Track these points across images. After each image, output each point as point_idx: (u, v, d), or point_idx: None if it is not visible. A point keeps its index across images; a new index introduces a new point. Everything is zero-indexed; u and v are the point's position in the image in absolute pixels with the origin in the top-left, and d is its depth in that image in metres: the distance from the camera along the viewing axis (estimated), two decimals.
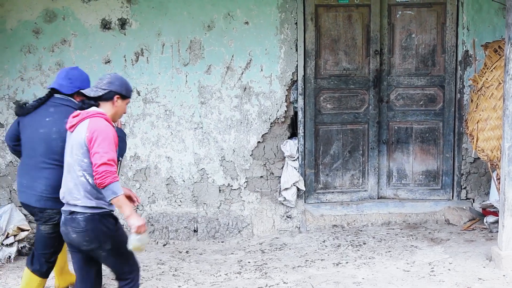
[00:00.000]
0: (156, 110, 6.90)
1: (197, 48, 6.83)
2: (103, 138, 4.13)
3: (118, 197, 4.09)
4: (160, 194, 6.99)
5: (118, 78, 4.39)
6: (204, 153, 6.96)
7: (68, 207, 4.24)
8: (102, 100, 4.31)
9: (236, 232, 6.88)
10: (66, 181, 4.28)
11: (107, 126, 4.19)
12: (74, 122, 4.26)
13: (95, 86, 4.33)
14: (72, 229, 4.22)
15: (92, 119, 4.20)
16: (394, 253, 6.19)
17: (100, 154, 4.09)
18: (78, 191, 4.19)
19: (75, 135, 4.23)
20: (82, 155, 4.18)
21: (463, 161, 7.18)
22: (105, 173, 4.05)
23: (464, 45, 7.01)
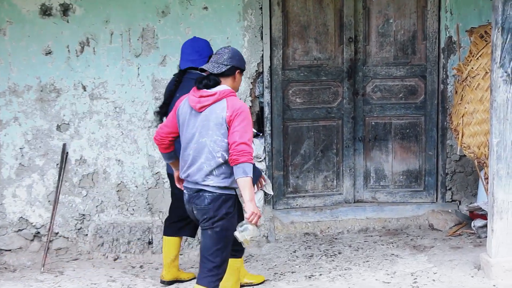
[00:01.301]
0: (104, 107, 6.83)
1: (150, 37, 6.77)
2: (244, 117, 4.59)
3: (247, 177, 4.51)
4: (110, 202, 6.92)
5: (236, 51, 4.85)
6: (159, 155, 6.84)
7: (195, 185, 4.72)
8: (223, 76, 4.73)
9: (196, 243, 6.81)
10: (197, 163, 4.68)
11: (244, 106, 4.67)
12: (207, 103, 4.65)
13: (215, 62, 4.75)
14: (195, 206, 4.75)
15: (229, 98, 4.66)
16: (372, 263, 6.19)
17: (240, 133, 4.55)
18: (211, 172, 4.66)
19: (210, 115, 4.64)
20: (222, 135, 4.62)
21: (447, 159, 7.22)
22: (243, 152, 4.51)
23: (447, 31, 7.04)
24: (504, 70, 5.39)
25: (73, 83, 6.75)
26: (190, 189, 4.77)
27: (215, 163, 4.64)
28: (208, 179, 4.66)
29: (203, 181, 4.68)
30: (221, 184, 4.66)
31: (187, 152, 4.77)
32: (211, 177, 4.66)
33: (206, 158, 4.66)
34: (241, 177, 4.52)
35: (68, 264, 6.52)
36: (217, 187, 4.66)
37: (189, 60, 5.46)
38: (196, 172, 4.71)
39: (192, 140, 4.73)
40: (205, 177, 4.67)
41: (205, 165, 4.67)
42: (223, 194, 4.68)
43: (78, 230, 6.90)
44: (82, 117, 6.82)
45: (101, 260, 6.70)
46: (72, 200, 6.88)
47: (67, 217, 6.88)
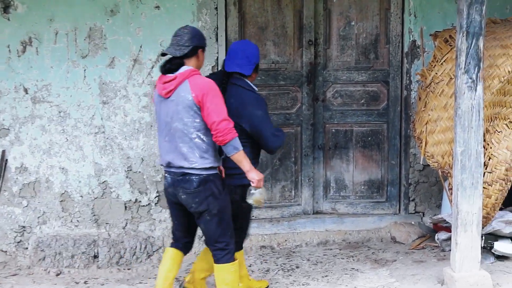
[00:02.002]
0: (48, 111, 6.77)
1: (98, 37, 6.73)
2: (213, 95, 4.85)
3: (239, 152, 4.90)
4: (53, 213, 6.85)
5: (196, 30, 5.09)
6: (106, 163, 6.86)
7: (179, 169, 4.97)
8: (186, 57, 4.97)
9: (145, 257, 6.78)
10: (175, 148, 4.96)
11: (210, 82, 4.91)
12: (171, 87, 4.90)
13: (176, 44, 4.98)
14: (182, 190, 5.00)
15: (191, 78, 4.89)
16: (332, 278, 6.20)
17: (216, 111, 4.82)
18: (194, 154, 4.93)
19: (177, 99, 4.90)
20: (192, 116, 4.88)
21: (411, 169, 7.27)
22: (227, 130, 4.81)
23: (411, 34, 7.12)
24: (469, 76, 5.44)
25: (14, 85, 6.68)
26: (174, 173, 5.03)
27: (193, 144, 4.93)
28: (192, 163, 4.93)
29: (188, 165, 4.94)
30: (206, 165, 4.95)
31: (163, 139, 5.07)
32: (195, 159, 4.93)
33: (183, 142, 4.94)
34: (234, 153, 4.91)
35: (6, 280, 6.41)
36: (202, 169, 4.95)
37: (236, 64, 5.46)
38: (178, 157, 4.98)
39: (166, 127, 5.01)
40: (188, 161, 4.94)
41: (185, 147, 4.94)
42: (210, 174, 4.98)
43: (18, 243, 6.82)
44: (23, 121, 6.74)
45: (42, 275, 6.61)
46: (12, 211, 6.80)
47: (5, 229, 6.79)
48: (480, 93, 5.47)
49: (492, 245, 6.26)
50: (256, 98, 5.45)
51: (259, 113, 5.36)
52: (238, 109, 5.30)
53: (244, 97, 5.39)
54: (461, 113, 5.50)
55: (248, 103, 5.37)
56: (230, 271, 5.17)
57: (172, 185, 5.08)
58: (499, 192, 5.66)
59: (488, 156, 5.66)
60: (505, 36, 5.92)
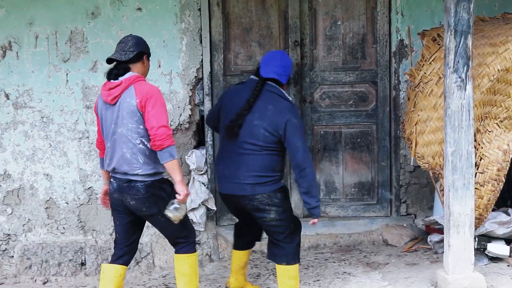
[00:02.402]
0: (30, 117, 6.75)
1: (79, 40, 6.71)
2: (155, 100, 4.90)
3: (174, 160, 4.91)
4: (38, 220, 6.82)
5: (140, 38, 5.18)
6: (91, 169, 6.84)
7: (124, 176, 5.02)
8: (131, 62, 5.04)
9: (133, 264, 6.75)
10: (119, 153, 5.01)
11: (154, 88, 4.99)
12: (117, 93, 4.96)
13: (121, 50, 5.05)
14: (130, 197, 5.04)
15: (136, 84, 4.96)
16: (323, 282, 6.17)
17: (156, 117, 4.87)
18: (137, 160, 4.98)
19: (121, 105, 4.95)
20: (136, 122, 4.94)
21: (401, 170, 7.26)
22: (165, 136, 4.85)
23: (398, 33, 7.10)
24: (458, 75, 5.41)
25: None
26: (119, 180, 5.07)
27: (137, 150, 4.98)
28: (136, 169, 4.99)
29: (132, 171, 5.00)
30: (149, 172, 5.01)
31: (108, 145, 5.10)
32: (138, 165, 4.99)
33: (127, 147, 4.98)
34: (169, 161, 4.91)
35: None
36: (147, 175, 5.01)
37: (274, 72, 5.47)
38: (122, 162, 5.03)
39: (110, 132, 5.05)
40: (132, 166, 4.99)
41: (128, 154, 4.99)
42: (155, 180, 5.06)
43: (3, 252, 6.78)
44: (5, 127, 6.73)
45: (29, 284, 6.60)
46: None
47: None
48: (470, 92, 5.44)
49: (485, 247, 6.25)
50: (292, 107, 5.48)
51: (295, 122, 5.36)
52: (275, 116, 5.33)
53: (280, 104, 5.39)
54: (451, 113, 5.47)
55: (285, 111, 5.37)
56: (188, 262, 5.27)
57: (118, 191, 5.11)
58: (491, 192, 5.65)
59: (480, 157, 5.64)
60: (494, 34, 5.88)
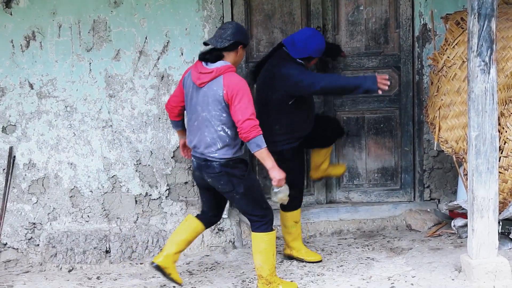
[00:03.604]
0: (54, 106, 6.78)
1: (102, 29, 6.72)
2: (242, 94, 5.22)
3: (262, 149, 5.25)
4: (63, 209, 6.87)
5: (241, 27, 5.47)
6: (115, 157, 6.87)
7: (202, 155, 5.43)
8: (226, 50, 5.36)
9: (157, 251, 6.77)
10: (201, 135, 5.41)
11: (241, 81, 5.29)
12: (206, 79, 5.32)
13: (219, 36, 5.37)
14: (207, 174, 5.46)
15: (225, 75, 5.28)
16: (347, 268, 6.20)
17: (241, 110, 5.20)
18: (216, 145, 5.37)
19: (208, 92, 5.31)
20: (220, 110, 5.30)
21: (425, 155, 7.24)
22: (250, 128, 5.18)
23: (421, 18, 7.06)
24: (482, 59, 5.40)
25: (19, 80, 6.69)
26: (198, 158, 5.51)
27: (217, 136, 5.35)
28: (212, 152, 5.38)
29: (208, 153, 5.40)
30: (224, 157, 5.37)
31: (191, 124, 5.51)
32: (215, 149, 5.37)
33: (208, 132, 5.37)
34: (257, 150, 5.26)
35: (18, 278, 6.44)
36: (221, 158, 5.38)
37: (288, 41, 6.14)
38: (201, 144, 5.43)
39: (195, 113, 5.44)
40: (209, 149, 5.39)
41: (208, 138, 5.38)
42: (230, 159, 5.40)
43: (29, 240, 6.84)
44: (29, 117, 6.76)
45: (54, 272, 6.64)
46: (21, 207, 6.82)
47: (16, 226, 6.82)
48: (494, 76, 5.43)
49: (509, 231, 6.24)
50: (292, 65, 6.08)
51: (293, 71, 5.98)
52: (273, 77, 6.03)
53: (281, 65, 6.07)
54: (475, 97, 5.47)
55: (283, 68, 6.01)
56: (264, 240, 5.51)
57: (197, 169, 5.55)
58: None
59: (504, 140, 5.64)
60: None
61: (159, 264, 5.75)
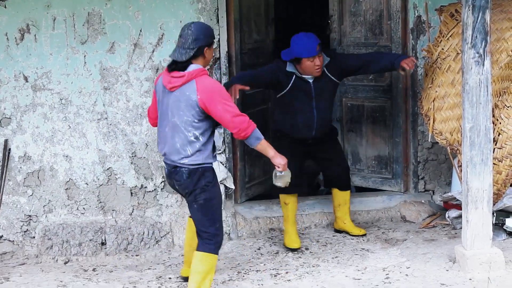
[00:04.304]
0: (49, 99, 6.76)
1: (97, 22, 6.70)
2: (220, 97, 5.02)
3: (261, 141, 5.15)
4: (58, 201, 6.86)
5: (200, 28, 5.14)
6: (110, 149, 6.87)
7: (172, 162, 5.22)
8: (192, 59, 5.09)
9: (153, 243, 6.79)
10: (171, 141, 5.18)
11: (215, 83, 5.13)
12: (177, 84, 5.06)
13: (181, 47, 5.09)
14: (175, 181, 5.27)
15: (198, 79, 5.05)
16: (342, 259, 6.21)
17: (228, 112, 5.01)
18: (185, 151, 5.13)
19: (180, 96, 5.07)
20: (192, 116, 5.06)
21: (419, 147, 7.25)
22: (244, 124, 5.05)
23: (415, 10, 7.06)
24: (476, 51, 5.39)
25: (14, 73, 6.68)
26: (169, 165, 5.29)
27: (187, 142, 5.12)
28: (183, 159, 5.15)
29: (179, 160, 5.16)
30: (194, 162, 5.14)
31: (162, 130, 5.28)
32: (185, 155, 5.14)
33: (178, 138, 5.13)
34: (257, 144, 5.16)
35: (14, 270, 6.44)
36: (191, 164, 5.16)
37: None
38: (171, 151, 5.19)
39: (166, 118, 5.21)
40: (180, 156, 5.16)
41: (178, 144, 5.14)
42: (200, 167, 5.17)
43: (25, 233, 6.84)
44: (24, 110, 6.74)
45: (50, 264, 6.64)
46: (17, 200, 6.81)
47: (11, 218, 6.81)
48: (488, 68, 5.43)
49: (503, 222, 6.26)
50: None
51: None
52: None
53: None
54: (469, 89, 5.47)
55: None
56: (206, 261, 5.24)
57: (168, 176, 5.38)
58: (510, 168, 5.67)
59: (498, 132, 5.64)
60: None
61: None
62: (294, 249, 6.45)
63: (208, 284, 5.26)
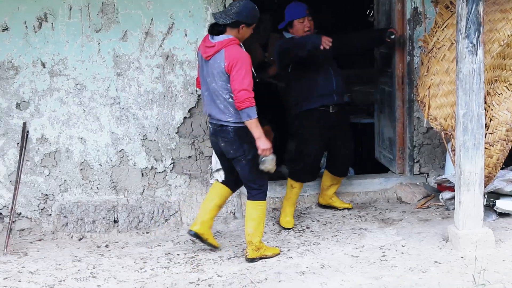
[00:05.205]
0: (65, 84, 6.76)
1: (110, 11, 6.69)
2: (241, 65, 5.33)
3: (251, 120, 5.38)
4: (73, 181, 6.87)
5: (246, 7, 5.49)
6: (122, 132, 6.86)
7: (218, 121, 5.57)
8: (228, 26, 5.46)
9: (162, 221, 6.81)
10: (214, 104, 5.55)
11: (242, 53, 5.40)
12: (210, 53, 5.46)
13: (224, 13, 5.50)
14: (221, 139, 5.61)
15: (227, 48, 5.39)
16: (341, 238, 6.23)
17: (238, 81, 5.32)
18: (229, 111, 5.49)
19: (214, 64, 5.45)
20: (225, 81, 5.43)
21: (415, 132, 7.25)
22: (244, 98, 5.31)
23: (412, 1, 7.04)
24: (470, 41, 5.40)
25: (32, 60, 6.67)
26: (214, 124, 5.66)
27: (227, 103, 5.48)
28: (227, 117, 5.51)
29: (224, 119, 5.53)
30: (238, 120, 5.48)
31: (204, 93, 5.68)
32: (229, 114, 5.49)
33: (220, 100, 5.50)
34: (246, 120, 5.39)
35: (32, 245, 6.48)
36: (236, 122, 5.49)
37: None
38: (216, 111, 5.56)
39: (206, 84, 5.59)
40: (224, 116, 5.51)
41: (221, 105, 5.51)
42: (244, 126, 5.46)
43: (42, 210, 6.86)
44: (42, 94, 6.74)
45: (65, 240, 6.67)
46: (34, 179, 6.83)
47: (29, 197, 6.83)
48: (481, 57, 5.43)
49: (494, 203, 6.27)
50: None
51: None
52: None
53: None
54: (463, 77, 5.47)
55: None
56: (258, 208, 5.70)
57: (214, 134, 5.71)
58: (500, 152, 5.65)
59: (489, 118, 5.63)
60: (504, 1, 5.86)
61: (197, 231, 5.93)
62: (289, 228, 6.51)
63: (262, 227, 5.77)
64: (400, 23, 7.10)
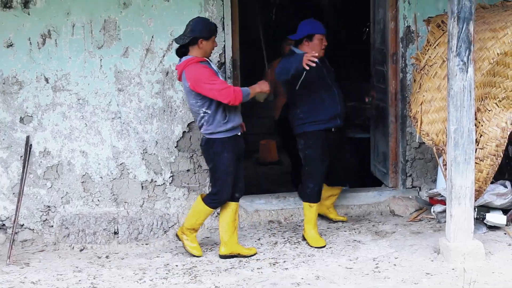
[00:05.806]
0: (67, 99, 6.76)
1: (112, 28, 6.70)
2: (200, 80, 5.62)
3: (251, 92, 5.77)
4: (75, 193, 6.86)
5: (199, 22, 5.75)
6: (123, 146, 6.86)
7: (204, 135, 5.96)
8: (189, 45, 5.72)
9: (161, 233, 6.79)
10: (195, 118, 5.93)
11: (195, 70, 5.64)
12: (179, 74, 5.82)
13: (182, 35, 5.73)
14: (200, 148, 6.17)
15: (186, 69, 5.69)
16: (335, 249, 6.21)
17: (213, 90, 5.59)
18: (202, 123, 5.83)
19: (184, 84, 5.79)
20: (194, 99, 5.73)
21: (407, 146, 7.25)
22: (232, 94, 5.60)
23: (405, 20, 7.06)
24: (461, 59, 5.41)
25: (36, 75, 6.67)
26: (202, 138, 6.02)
27: (200, 117, 5.81)
28: (201, 128, 5.88)
29: (200, 130, 5.93)
30: (207, 131, 5.83)
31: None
32: (203, 126, 5.85)
33: (195, 114, 5.88)
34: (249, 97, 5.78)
35: (34, 256, 6.46)
36: (206, 133, 5.85)
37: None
38: (199, 126, 5.94)
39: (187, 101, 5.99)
40: (200, 126, 5.89)
41: (198, 118, 5.86)
42: (211, 138, 5.84)
43: (44, 222, 6.84)
44: (45, 109, 6.74)
45: (67, 251, 6.64)
46: (37, 192, 6.81)
47: (32, 209, 6.82)
48: (471, 75, 5.44)
49: (484, 217, 6.26)
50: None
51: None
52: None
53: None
54: (454, 94, 5.48)
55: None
56: (202, 210, 6.03)
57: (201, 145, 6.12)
58: (490, 166, 5.65)
59: (480, 134, 5.64)
60: (494, 20, 5.87)
61: (223, 254, 6.11)
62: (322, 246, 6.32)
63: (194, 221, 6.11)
64: (393, 41, 7.12)
